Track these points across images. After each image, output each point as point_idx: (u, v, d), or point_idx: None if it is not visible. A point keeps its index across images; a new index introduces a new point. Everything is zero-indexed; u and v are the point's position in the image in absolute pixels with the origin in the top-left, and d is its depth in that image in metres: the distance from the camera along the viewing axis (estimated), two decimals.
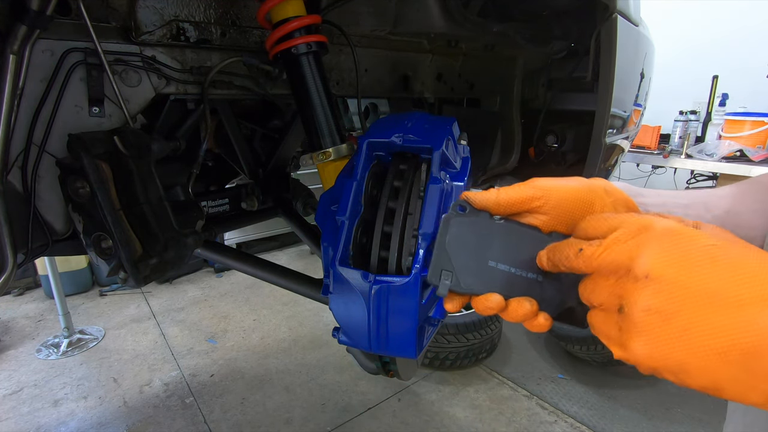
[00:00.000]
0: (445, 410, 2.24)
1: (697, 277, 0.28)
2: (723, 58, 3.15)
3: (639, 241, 0.32)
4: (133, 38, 0.72)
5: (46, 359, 2.63)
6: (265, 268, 1.08)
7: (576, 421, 2.16)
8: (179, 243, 0.73)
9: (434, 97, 1.32)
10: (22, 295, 3.42)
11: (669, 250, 0.30)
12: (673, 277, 0.29)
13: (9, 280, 0.63)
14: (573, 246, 0.36)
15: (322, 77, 0.74)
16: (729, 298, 0.28)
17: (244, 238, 4.05)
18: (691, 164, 2.76)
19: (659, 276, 0.29)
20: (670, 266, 0.29)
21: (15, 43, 0.57)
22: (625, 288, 0.31)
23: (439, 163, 0.57)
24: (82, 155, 0.62)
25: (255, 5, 0.83)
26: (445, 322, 2.30)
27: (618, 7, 0.94)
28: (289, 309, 3.25)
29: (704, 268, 0.29)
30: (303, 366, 2.60)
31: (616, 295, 0.32)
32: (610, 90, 0.99)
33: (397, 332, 0.57)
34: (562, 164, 1.57)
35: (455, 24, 1.10)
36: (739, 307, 0.27)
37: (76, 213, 0.67)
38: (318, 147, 0.73)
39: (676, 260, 0.29)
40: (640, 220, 0.33)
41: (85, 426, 2.12)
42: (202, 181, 1.27)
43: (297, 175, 1.48)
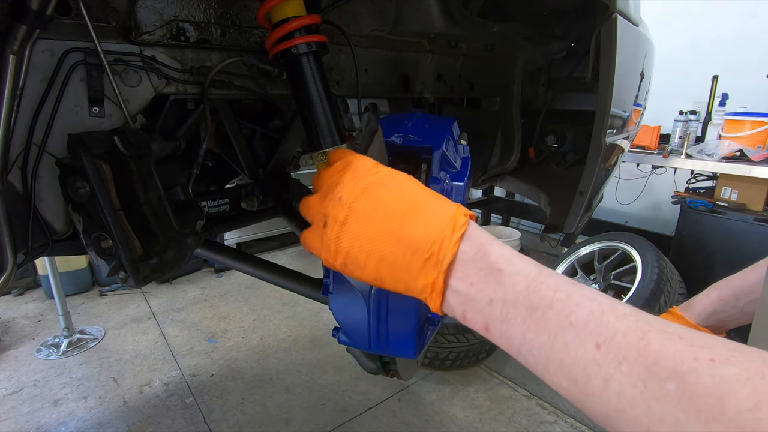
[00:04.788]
0: (445, 410, 2.24)
1: (366, 204, 0.41)
2: (723, 58, 3.15)
3: (341, 175, 0.44)
4: (133, 38, 0.72)
5: (46, 359, 2.63)
6: (265, 268, 1.08)
7: (576, 421, 2.16)
8: (179, 243, 0.73)
9: (434, 97, 1.32)
10: (22, 295, 3.42)
11: (355, 183, 0.43)
12: (354, 202, 0.42)
13: (9, 280, 0.63)
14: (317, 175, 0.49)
15: (322, 77, 0.74)
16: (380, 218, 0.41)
17: (244, 238, 4.05)
18: (691, 164, 2.77)
19: (347, 200, 0.42)
20: (353, 195, 0.42)
21: (15, 43, 0.57)
22: (328, 207, 0.43)
23: (439, 163, 0.57)
24: (82, 155, 0.62)
25: (255, 5, 0.83)
26: (445, 322, 2.30)
27: (618, 7, 0.94)
28: (289, 309, 3.25)
29: (371, 199, 0.42)
30: (303, 366, 2.60)
31: (322, 213, 0.44)
32: (610, 90, 0.99)
33: (397, 332, 0.57)
34: (562, 164, 1.57)
35: (455, 24, 1.10)
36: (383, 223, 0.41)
37: (76, 213, 0.67)
38: (318, 147, 0.73)
39: (358, 191, 0.42)
40: (346, 159, 0.46)
41: (85, 426, 2.12)
42: (202, 181, 1.27)
43: (297, 175, 1.48)
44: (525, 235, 4.06)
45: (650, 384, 0.29)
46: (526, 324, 0.36)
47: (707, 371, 0.28)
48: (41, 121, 0.65)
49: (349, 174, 0.44)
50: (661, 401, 0.28)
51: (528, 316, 0.36)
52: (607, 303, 0.34)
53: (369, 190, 0.42)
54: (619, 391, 0.30)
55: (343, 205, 0.42)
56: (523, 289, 0.37)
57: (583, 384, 0.32)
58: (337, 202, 0.42)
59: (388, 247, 0.40)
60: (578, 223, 1.26)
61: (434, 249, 0.39)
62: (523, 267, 0.38)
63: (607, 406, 0.31)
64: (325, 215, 0.43)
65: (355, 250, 0.41)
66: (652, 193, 3.64)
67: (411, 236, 0.40)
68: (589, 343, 0.32)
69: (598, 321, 0.33)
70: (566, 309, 0.34)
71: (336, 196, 0.43)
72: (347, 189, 0.43)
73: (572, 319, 0.34)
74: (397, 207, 0.41)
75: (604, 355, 0.31)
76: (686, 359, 0.29)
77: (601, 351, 0.32)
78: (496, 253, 0.39)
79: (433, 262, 0.39)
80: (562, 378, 0.34)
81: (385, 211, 0.41)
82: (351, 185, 0.43)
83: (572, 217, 1.25)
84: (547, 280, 0.37)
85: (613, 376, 0.31)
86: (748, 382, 0.26)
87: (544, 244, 4.35)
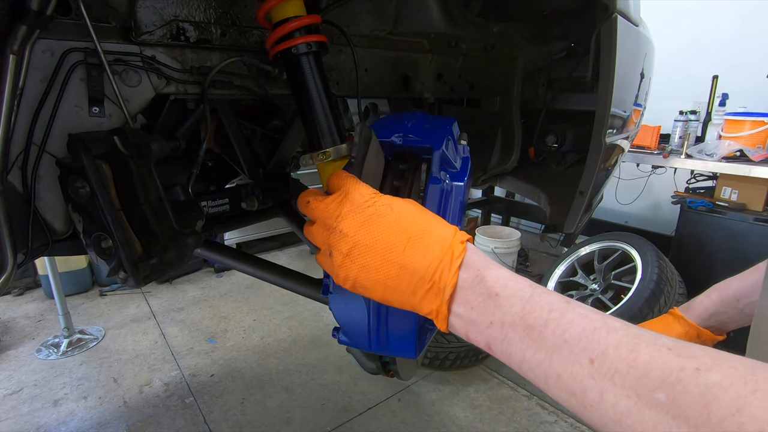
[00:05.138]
0: (445, 410, 2.24)
1: (368, 236, 0.44)
2: (723, 58, 3.15)
3: (340, 207, 0.46)
4: (133, 38, 0.72)
5: (46, 359, 2.63)
6: (265, 268, 1.08)
7: (576, 421, 2.16)
8: (179, 243, 0.73)
9: (434, 97, 1.32)
10: (22, 295, 3.42)
11: (354, 216, 0.45)
12: (355, 235, 0.44)
13: (9, 280, 0.63)
14: (304, 197, 0.51)
15: (322, 77, 0.74)
16: (382, 248, 0.43)
17: (244, 238, 4.05)
18: (691, 164, 2.77)
19: (349, 234, 0.44)
20: (354, 228, 0.44)
21: (15, 43, 0.57)
22: (331, 239, 0.45)
23: (439, 163, 0.57)
24: (82, 155, 0.62)
25: (255, 5, 0.83)
26: None
27: (618, 7, 0.94)
28: (289, 309, 3.25)
29: (372, 231, 0.44)
30: (303, 366, 2.60)
31: (327, 244, 0.46)
32: (610, 90, 0.99)
33: (397, 332, 0.57)
34: (562, 164, 1.57)
35: (455, 24, 1.10)
36: (385, 254, 0.43)
37: (76, 213, 0.67)
38: (318, 147, 0.73)
39: (358, 224, 0.44)
40: (344, 188, 0.47)
41: (85, 426, 2.12)
42: (202, 181, 1.27)
43: (297, 175, 1.48)
44: (525, 235, 4.06)
45: (642, 394, 0.31)
46: (524, 343, 0.38)
47: (693, 380, 0.30)
48: (41, 121, 0.65)
49: (347, 206, 0.45)
50: (654, 410, 0.30)
51: (525, 335, 0.38)
52: (599, 319, 0.37)
53: (369, 222, 0.44)
54: (614, 403, 0.32)
55: (345, 238, 0.44)
56: (519, 311, 0.39)
57: (581, 397, 0.34)
58: (339, 235, 0.45)
59: (392, 276, 0.43)
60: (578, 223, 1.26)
61: (435, 279, 0.42)
62: (519, 289, 0.41)
63: (605, 416, 0.33)
64: (329, 246, 0.46)
65: (361, 278, 0.44)
66: (652, 193, 3.64)
67: (413, 265, 0.42)
68: (584, 358, 0.35)
69: (591, 337, 0.35)
70: (560, 327, 0.37)
71: (337, 230, 0.45)
72: (347, 222, 0.45)
73: (566, 337, 0.36)
74: (398, 237, 0.43)
75: (598, 369, 0.34)
76: (673, 369, 0.31)
77: (595, 365, 0.34)
78: (492, 278, 0.42)
79: (435, 290, 0.42)
80: (561, 391, 0.36)
81: (386, 242, 0.43)
82: (350, 218, 0.45)
83: (572, 217, 1.25)
84: (541, 300, 0.40)
85: (607, 388, 0.33)
86: (731, 389, 0.29)
87: (544, 244, 4.35)
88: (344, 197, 0.47)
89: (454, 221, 0.55)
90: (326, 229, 0.46)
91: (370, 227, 0.44)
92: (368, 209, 0.45)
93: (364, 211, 0.45)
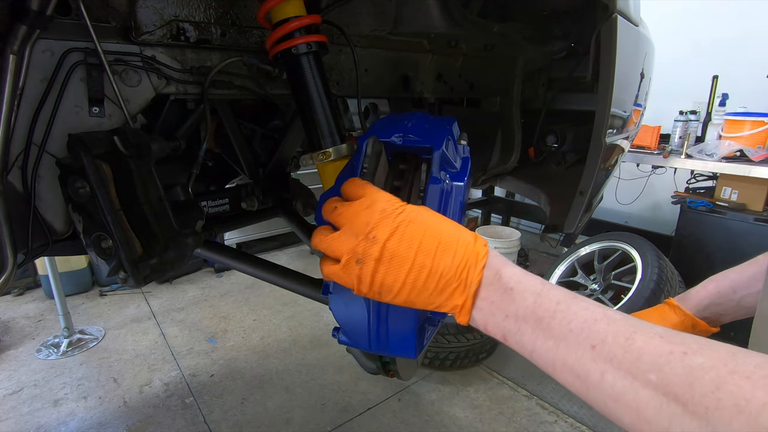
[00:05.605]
0: (445, 410, 2.24)
1: (401, 243, 0.46)
2: (723, 58, 3.15)
3: (371, 214, 0.47)
4: (133, 38, 0.72)
5: (46, 359, 2.63)
6: (265, 268, 1.08)
7: (576, 421, 2.16)
8: (179, 243, 0.73)
9: (434, 97, 1.32)
10: (22, 295, 3.42)
11: (387, 223, 0.46)
12: (388, 241, 0.46)
13: (9, 280, 0.63)
14: (331, 203, 0.51)
15: (322, 77, 0.74)
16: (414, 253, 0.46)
17: (244, 238, 4.05)
18: (691, 164, 2.76)
19: (381, 240, 0.46)
20: (387, 234, 0.46)
21: (15, 43, 0.57)
22: (362, 246, 0.46)
23: (439, 163, 0.57)
24: (82, 155, 0.62)
25: (255, 5, 0.83)
26: (445, 322, 2.30)
27: (618, 7, 0.94)
28: (289, 309, 3.25)
29: (405, 237, 0.46)
30: (303, 366, 2.60)
31: (355, 251, 0.47)
32: (610, 90, 0.99)
33: (397, 332, 0.57)
34: (562, 164, 1.57)
35: (455, 24, 1.10)
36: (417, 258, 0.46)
37: (76, 213, 0.67)
38: (318, 147, 0.73)
39: (390, 230, 0.46)
40: (370, 196, 0.49)
41: (85, 426, 2.12)
42: (202, 181, 1.27)
43: (297, 175, 1.48)
44: (525, 235, 4.06)
45: (637, 375, 0.36)
46: (535, 333, 0.43)
47: (680, 362, 0.35)
48: (41, 121, 0.65)
49: (378, 214, 0.47)
50: (647, 389, 0.35)
51: (536, 326, 0.43)
52: (600, 312, 0.42)
53: (401, 228, 0.47)
54: (612, 383, 0.37)
55: (378, 243, 0.46)
56: (531, 304, 0.44)
57: (585, 378, 0.40)
58: (371, 241, 0.46)
59: (422, 278, 0.46)
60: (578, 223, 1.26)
61: (462, 277, 0.46)
62: (530, 285, 0.46)
63: (605, 394, 0.38)
64: (356, 253, 0.47)
65: (389, 281, 0.46)
66: (652, 193, 3.64)
67: (443, 267, 0.46)
68: (586, 345, 0.40)
69: (592, 327, 0.40)
70: (566, 318, 0.42)
71: (370, 236, 0.46)
72: (380, 229, 0.46)
73: (571, 327, 0.41)
74: (429, 243, 0.46)
75: (599, 353, 0.39)
76: (663, 353, 0.36)
77: (596, 351, 0.39)
78: (507, 275, 0.47)
79: (461, 288, 0.46)
80: (568, 375, 0.41)
81: (418, 248, 0.46)
82: (383, 225, 0.46)
83: (572, 217, 1.25)
84: (550, 294, 0.45)
85: (607, 370, 0.38)
86: (712, 370, 0.33)
87: (544, 244, 4.35)
88: (372, 204, 0.48)
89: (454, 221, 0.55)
90: (355, 235, 0.47)
91: (403, 233, 0.46)
92: (399, 216, 0.47)
93: (396, 218, 0.47)
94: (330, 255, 0.49)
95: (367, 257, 0.46)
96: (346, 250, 0.47)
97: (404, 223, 0.47)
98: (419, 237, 0.46)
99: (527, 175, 1.66)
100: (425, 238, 0.46)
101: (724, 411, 0.31)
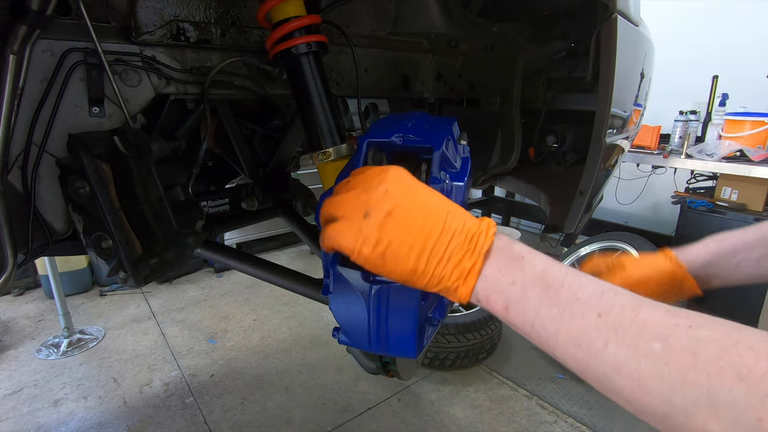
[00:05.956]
0: (445, 410, 2.24)
1: (412, 200, 0.45)
2: (723, 58, 3.15)
3: (384, 173, 0.47)
4: (133, 38, 0.72)
5: (46, 359, 2.63)
6: (265, 268, 1.08)
7: (576, 421, 2.16)
8: (179, 243, 0.73)
9: (434, 97, 1.32)
10: (22, 295, 3.42)
11: (400, 182, 0.46)
12: (400, 196, 0.45)
13: (9, 280, 0.63)
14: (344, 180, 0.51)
15: (322, 77, 0.74)
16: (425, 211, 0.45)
17: (244, 238, 4.05)
18: (691, 164, 2.76)
19: (394, 193, 0.45)
20: (399, 190, 0.45)
21: (15, 43, 0.57)
22: (372, 199, 0.45)
23: (439, 163, 0.57)
24: (82, 155, 0.62)
25: (255, 5, 0.83)
26: (445, 322, 2.30)
27: (618, 7, 0.94)
28: (289, 309, 3.25)
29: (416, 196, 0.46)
30: (303, 366, 2.60)
31: (362, 206, 0.45)
32: (610, 90, 0.99)
33: (397, 332, 0.57)
34: (562, 164, 1.57)
35: (455, 24, 1.10)
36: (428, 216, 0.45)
37: (76, 213, 0.67)
38: (318, 147, 0.73)
39: (403, 188, 0.46)
40: (383, 167, 0.49)
41: (85, 426, 2.12)
42: (202, 181, 1.27)
43: (297, 175, 1.48)
44: (525, 235, 4.06)
45: (640, 345, 0.36)
46: (541, 299, 0.42)
47: (685, 334, 0.35)
48: (41, 121, 0.65)
49: (393, 174, 0.47)
50: (649, 358, 0.35)
51: (543, 292, 0.42)
52: (608, 285, 0.42)
53: (412, 189, 0.46)
54: (615, 352, 0.37)
55: (390, 196, 0.45)
56: (540, 271, 0.44)
57: (587, 347, 0.39)
58: (383, 194, 0.45)
59: (432, 239, 0.44)
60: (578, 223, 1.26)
61: (474, 240, 0.45)
62: (540, 256, 0.46)
63: (607, 364, 0.37)
64: (366, 207, 0.45)
65: (397, 240, 0.44)
66: (652, 193, 3.64)
67: (455, 228, 0.45)
68: (592, 313, 0.39)
69: (600, 297, 0.40)
70: (574, 287, 0.42)
71: (381, 189, 0.45)
72: (392, 183, 0.46)
73: (579, 295, 0.41)
74: (440, 206, 0.46)
75: (605, 322, 0.38)
76: (668, 325, 0.36)
77: (602, 319, 0.39)
78: (518, 245, 0.47)
79: (471, 250, 0.45)
80: (570, 345, 0.40)
81: (429, 209, 0.45)
82: (396, 183, 0.46)
83: (572, 217, 1.25)
84: (558, 266, 0.45)
85: (611, 339, 0.37)
86: (717, 341, 0.34)
87: (544, 244, 4.35)
88: (386, 169, 0.48)
89: None
90: (365, 191, 0.46)
91: (413, 193, 0.46)
92: (411, 180, 0.47)
93: (407, 180, 0.47)
94: (337, 215, 0.47)
95: (376, 210, 0.44)
96: (355, 204, 0.46)
97: (416, 187, 0.47)
98: (431, 200, 0.46)
99: (527, 175, 1.66)
100: (435, 204, 0.46)
101: (725, 378, 0.31)
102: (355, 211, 0.45)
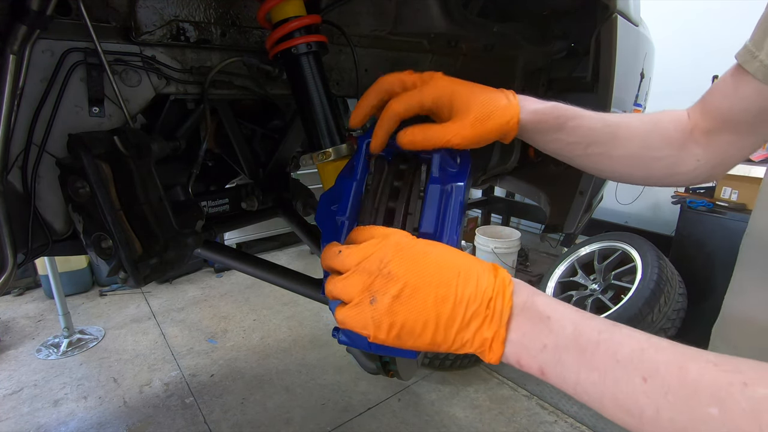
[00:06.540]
0: (445, 410, 2.24)
1: (420, 276, 0.42)
2: (723, 58, 3.14)
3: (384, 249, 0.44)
4: (133, 38, 0.72)
5: (46, 359, 2.63)
6: (265, 268, 1.08)
7: (576, 421, 2.16)
8: (179, 243, 0.73)
9: None
10: (22, 295, 3.42)
11: (402, 256, 0.43)
12: (405, 275, 0.42)
13: (9, 280, 0.63)
14: (334, 248, 0.47)
15: (322, 77, 0.74)
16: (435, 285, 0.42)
17: (244, 238, 4.05)
18: None
19: (398, 275, 0.42)
20: (404, 268, 0.43)
21: (15, 43, 0.57)
22: (376, 284, 0.43)
23: (439, 163, 0.57)
24: (82, 155, 0.62)
25: (255, 5, 0.83)
26: None
27: (618, 7, 0.94)
28: (289, 309, 3.25)
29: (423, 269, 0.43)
30: (303, 366, 2.60)
31: (367, 291, 0.43)
32: (610, 90, 0.99)
33: None
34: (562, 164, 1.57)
35: (455, 24, 1.10)
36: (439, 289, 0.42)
37: (76, 213, 0.67)
38: (318, 147, 0.73)
39: (407, 263, 0.43)
40: (381, 233, 0.47)
41: (85, 426, 2.12)
42: (202, 181, 1.27)
43: (297, 175, 1.48)
44: (525, 235, 4.06)
45: (696, 410, 0.34)
46: (578, 365, 0.40)
47: (742, 395, 0.33)
48: (41, 121, 0.65)
49: (392, 248, 0.44)
50: (708, 424, 0.33)
51: (579, 357, 0.40)
52: (645, 339, 0.39)
53: (418, 261, 0.43)
54: (670, 418, 0.35)
55: (393, 279, 0.42)
56: (571, 333, 0.41)
57: (638, 415, 0.36)
58: (386, 277, 0.43)
59: (445, 312, 0.42)
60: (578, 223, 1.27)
61: (492, 305, 0.42)
62: (568, 313, 0.42)
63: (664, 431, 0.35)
64: (370, 292, 0.43)
65: (410, 321, 0.42)
66: (652, 193, 3.64)
67: (468, 296, 0.42)
68: (636, 377, 0.37)
69: (641, 357, 0.37)
70: (611, 348, 0.39)
71: (384, 272, 0.43)
72: (396, 263, 0.43)
73: (618, 357, 0.38)
74: (448, 273, 0.43)
75: (651, 387, 0.36)
76: (722, 385, 0.34)
77: (648, 384, 0.36)
78: (541, 303, 0.43)
79: (490, 317, 0.42)
80: (618, 411, 0.38)
81: (438, 279, 0.42)
82: (399, 259, 0.43)
83: (572, 217, 1.25)
84: (590, 322, 0.41)
85: (662, 405, 0.35)
86: None
87: (544, 244, 4.35)
88: (383, 240, 0.45)
89: (454, 221, 0.55)
90: (368, 274, 0.43)
91: (420, 266, 0.43)
92: (413, 248, 0.44)
93: (410, 250, 0.44)
94: (342, 299, 0.45)
95: (382, 296, 0.42)
96: (358, 290, 0.43)
97: (421, 255, 0.44)
98: (437, 268, 0.43)
99: (527, 175, 1.66)
100: (444, 268, 0.43)
101: None
102: (361, 298, 0.43)
